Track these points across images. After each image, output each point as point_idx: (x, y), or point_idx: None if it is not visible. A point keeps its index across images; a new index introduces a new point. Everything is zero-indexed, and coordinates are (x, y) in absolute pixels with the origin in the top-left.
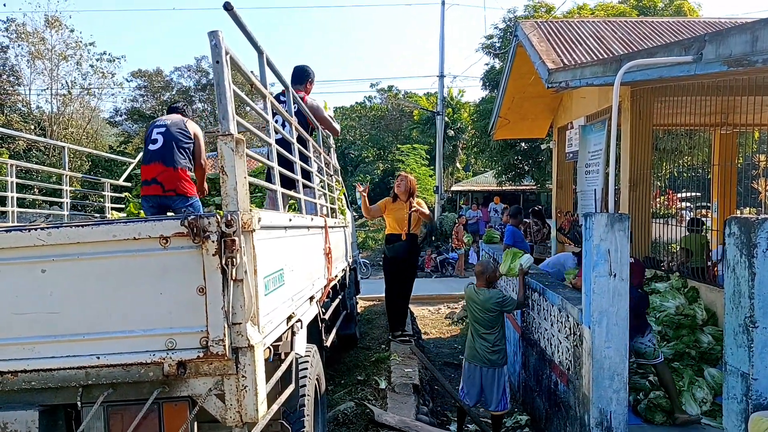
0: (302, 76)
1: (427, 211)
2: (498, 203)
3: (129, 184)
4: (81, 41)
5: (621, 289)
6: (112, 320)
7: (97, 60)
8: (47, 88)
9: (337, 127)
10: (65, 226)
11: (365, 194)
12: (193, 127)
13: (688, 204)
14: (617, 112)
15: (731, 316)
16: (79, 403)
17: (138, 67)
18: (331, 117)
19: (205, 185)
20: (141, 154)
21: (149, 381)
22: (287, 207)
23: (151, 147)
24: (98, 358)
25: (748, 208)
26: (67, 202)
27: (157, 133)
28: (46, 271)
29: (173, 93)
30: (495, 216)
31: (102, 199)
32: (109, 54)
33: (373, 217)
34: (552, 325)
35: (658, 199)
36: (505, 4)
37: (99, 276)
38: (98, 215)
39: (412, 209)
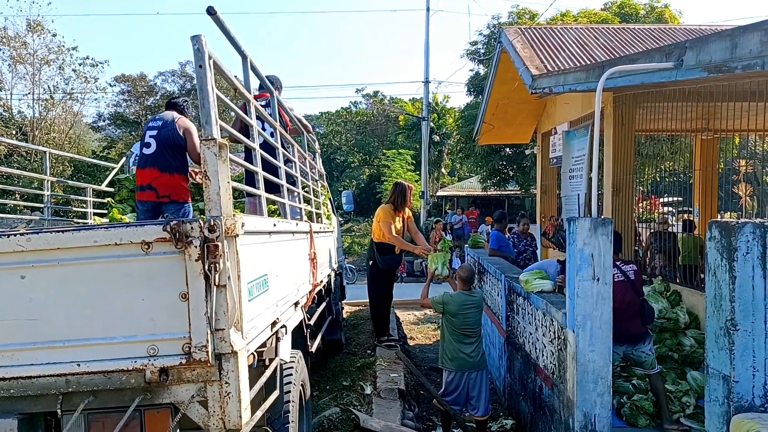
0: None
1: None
2: (489, 222)
3: (112, 190)
4: (63, 46)
5: (604, 293)
6: (93, 327)
7: (80, 64)
8: (29, 93)
9: (306, 124)
10: (45, 232)
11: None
12: (184, 124)
13: (671, 209)
14: (600, 117)
15: (712, 320)
16: (59, 411)
17: (121, 72)
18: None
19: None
20: (123, 159)
21: (131, 388)
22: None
23: (146, 151)
24: (79, 365)
25: (729, 213)
26: (49, 208)
27: (150, 137)
28: (25, 277)
29: (157, 98)
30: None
31: (84, 205)
32: (92, 58)
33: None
34: (537, 329)
35: (640, 204)
36: (489, 11)
37: (80, 282)
38: (81, 221)
39: (426, 254)
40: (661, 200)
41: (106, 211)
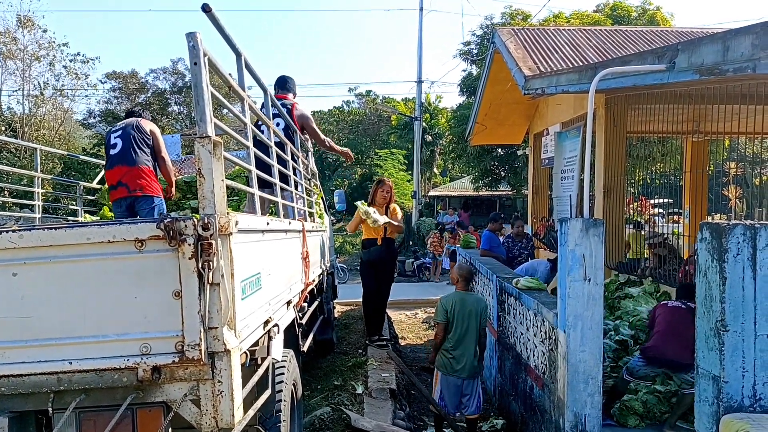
0: (287, 83)
1: (399, 223)
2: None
3: (102, 187)
4: (54, 42)
5: (595, 294)
6: (85, 324)
7: (71, 61)
8: (19, 89)
9: (326, 139)
10: (38, 229)
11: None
12: (149, 125)
13: (661, 210)
14: (592, 119)
15: (703, 320)
16: (50, 410)
17: (112, 69)
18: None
19: (173, 178)
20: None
21: (123, 386)
22: (267, 211)
23: (112, 152)
24: (71, 363)
25: (718, 215)
26: (38, 205)
27: (115, 138)
28: (17, 274)
29: (148, 95)
30: None
31: (74, 202)
32: (83, 55)
33: (355, 228)
34: (528, 329)
35: (631, 206)
36: (483, 11)
37: (72, 279)
38: (71, 218)
39: (384, 222)
40: (652, 202)
41: (96, 209)
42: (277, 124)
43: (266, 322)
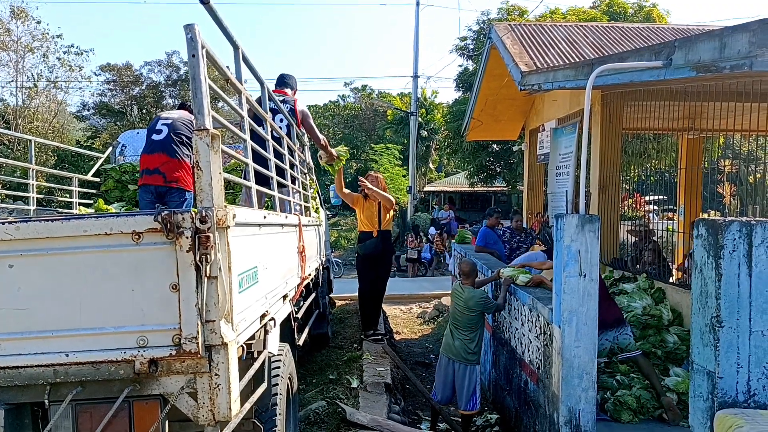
0: (285, 79)
1: (380, 191)
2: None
3: (97, 180)
4: (48, 33)
5: (591, 289)
6: (82, 317)
7: (65, 53)
8: (12, 81)
9: (321, 137)
10: (34, 221)
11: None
12: None
13: (655, 207)
14: (588, 115)
15: (698, 316)
16: (46, 402)
17: (107, 61)
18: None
19: None
20: (109, 149)
21: (120, 379)
22: (263, 206)
23: (155, 137)
24: (67, 355)
25: (713, 212)
26: (32, 197)
27: (162, 124)
28: (13, 266)
29: (143, 87)
30: None
31: (69, 195)
32: (77, 47)
33: (344, 198)
34: (523, 324)
35: (626, 202)
36: (479, 6)
37: (69, 272)
38: (65, 211)
39: (362, 184)
40: (647, 198)
41: (91, 201)
42: (281, 120)
43: (263, 316)
